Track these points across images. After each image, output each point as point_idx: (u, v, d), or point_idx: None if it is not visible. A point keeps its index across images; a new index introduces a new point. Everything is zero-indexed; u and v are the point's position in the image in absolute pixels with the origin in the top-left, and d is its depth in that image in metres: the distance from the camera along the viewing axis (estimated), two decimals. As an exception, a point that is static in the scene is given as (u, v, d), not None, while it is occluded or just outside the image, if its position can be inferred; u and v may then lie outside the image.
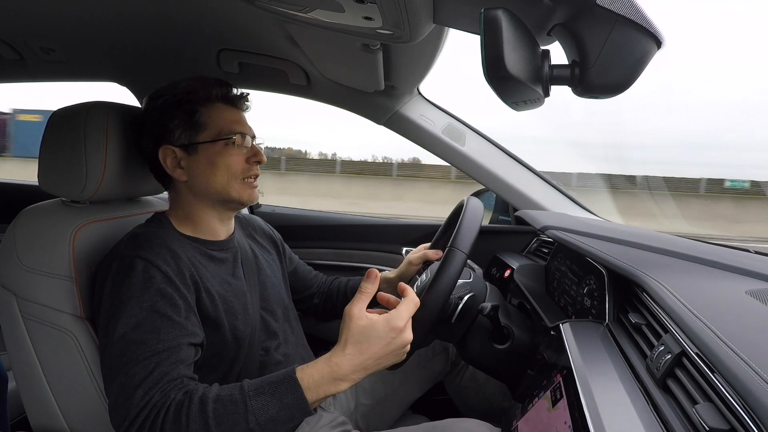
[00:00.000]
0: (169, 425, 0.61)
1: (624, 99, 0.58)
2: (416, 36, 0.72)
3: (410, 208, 8.13)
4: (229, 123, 0.83)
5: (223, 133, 0.81)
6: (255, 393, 0.64)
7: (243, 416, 0.62)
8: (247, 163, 0.84)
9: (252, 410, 0.62)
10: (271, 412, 0.63)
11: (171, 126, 0.81)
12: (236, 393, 0.64)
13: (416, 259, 1.05)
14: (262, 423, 0.62)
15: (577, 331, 0.70)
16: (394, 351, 0.67)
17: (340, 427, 0.91)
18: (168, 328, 0.68)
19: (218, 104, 0.83)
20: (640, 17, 0.50)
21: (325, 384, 0.65)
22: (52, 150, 0.81)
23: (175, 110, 0.81)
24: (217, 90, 0.83)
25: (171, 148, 0.81)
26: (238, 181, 0.83)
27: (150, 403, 0.63)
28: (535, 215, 1.21)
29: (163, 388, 0.64)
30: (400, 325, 0.66)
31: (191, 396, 0.63)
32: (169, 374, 0.65)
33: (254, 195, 0.86)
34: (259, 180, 0.88)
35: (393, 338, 0.66)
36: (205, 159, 0.81)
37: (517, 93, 0.53)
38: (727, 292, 0.66)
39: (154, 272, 0.71)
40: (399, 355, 0.68)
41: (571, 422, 0.54)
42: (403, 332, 0.67)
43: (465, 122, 1.37)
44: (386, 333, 0.66)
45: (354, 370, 0.66)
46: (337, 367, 0.65)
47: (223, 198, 0.83)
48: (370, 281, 0.69)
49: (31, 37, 1.17)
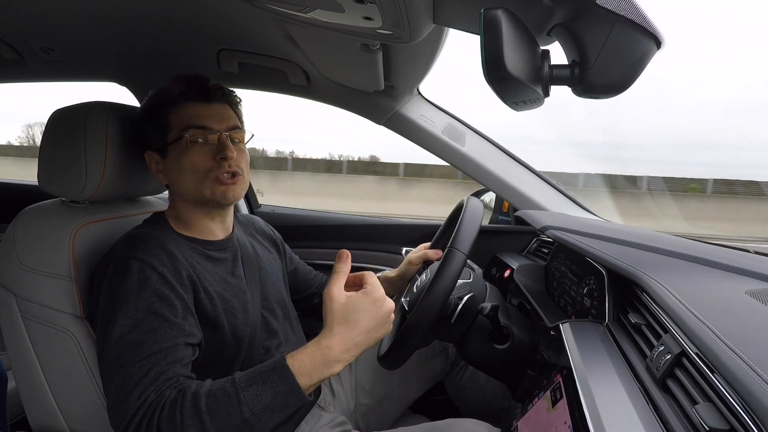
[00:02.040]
0: (165, 423, 0.61)
1: (619, 98, 0.58)
2: (416, 36, 0.72)
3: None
4: (188, 118, 0.79)
5: (181, 130, 0.78)
6: (247, 383, 0.63)
7: (236, 408, 0.61)
8: (214, 160, 0.79)
9: (245, 401, 0.61)
10: (264, 401, 0.62)
11: (146, 131, 0.82)
12: (228, 386, 0.63)
13: (416, 259, 1.05)
14: (257, 412, 0.61)
15: (576, 331, 0.69)
16: (380, 321, 0.68)
17: (339, 427, 0.91)
18: (165, 329, 0.68)
19: (184, 102, 0.80)
20: (640, 17, 0.50)
21: (318, 368, 0.65)
22: (52, 150, 0.81)
23: (148, 114, 0.81)
24: (182, 87, 0.80)
25: (151, 153, 0.82)
26: (209, 180, 0.78)
27: (146, 402, 0.63)
28: (535, 215, 1.21)
29: (159, 387, 0.64)
30: (379, 294, 0.69)
31: (184, 393, 0.63)
32: (165, 373, 0.65)
33: (229, 192, 0.80)
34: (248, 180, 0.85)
35: (377, 307, 0.68)
36: (174, 160, 0.80)
37: (517, 93, 0.53)
38: (726, 292, 0.66)
39: (150, 273, 0.71)
40: (386, 324, 0.69)
41: (571, 422, 0.54)
42: (384, 300, 0.69)
43: (465, 122, 1.37)
44: (369, 304, 0.68)
45: (346, 348, 0.66)
46: (328, 350, 0.65)
47: (197, 199, 0.81)
48: (342, 261, 0.70)
49: (30, 37, 1.17)
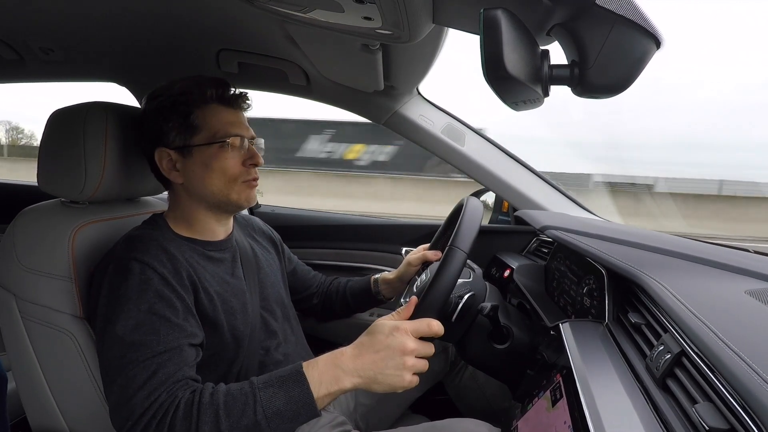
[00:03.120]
0: (180, 421, 0.62)
1: (616, 98, 0.58)
2: (416, 36, 0.72)
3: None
4: (225, 125, 0.81)
5: (218, 135, 0.80)
6: (264, 385, 0.65)
7: (251, 407, 0.62)
8: (244, 166, 0.82)
9: (260, 401, 0.63)
10: (278, 404, 0.63)
11: (166, 128, 0.80)
12: (246, 386, 0.65)
13: (415, 261, 1.05)
14: (269, 415, 0.62)
15: (576, 330, 0.69)
16: (390, 351, 0.64)
17: (339, 427, 0.91)
18: (167, 330, 0.68)
19: (214, 105, 0.82)
20: (640, 17, 0.50)
21: (327, 373, 0.65)
22: (52, 150, 0.81)
23: (170, 112, 0.80)
24: (212, 90, 0.81)
25: (166, 150, 0.81)
26: (236, 184, 0.82)
27: (156, 402, 0.63)
28: (535, 215, 1.21)
29: (170, 388, 0.64)
30: (405, 324, 0.66)
31: (201, 392, 0.64)
32: (174, 375, 0.66)
33: (252, 196, 0.85)
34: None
35: (393, 335, 0.65)
36: (200, 162, 0.80)
37: (517, 93, 0.53)
38: (726, 291, 0.66)
39: (151, 274, 0.71)
40: (397, 365, 0.64)
41: (571, 422, 0.54)
42: (404, 333, 0.65)
43: (465, 122, 1.37)
44: (387, 329, 0.66)
45: (353, 362, 0.65)
46: (341, 355, 0.66)
47: (220, 201, 0.82)
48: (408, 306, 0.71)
49: (30, 37, 1.17)
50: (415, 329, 0.66)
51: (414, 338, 0.66)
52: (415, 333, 0.66)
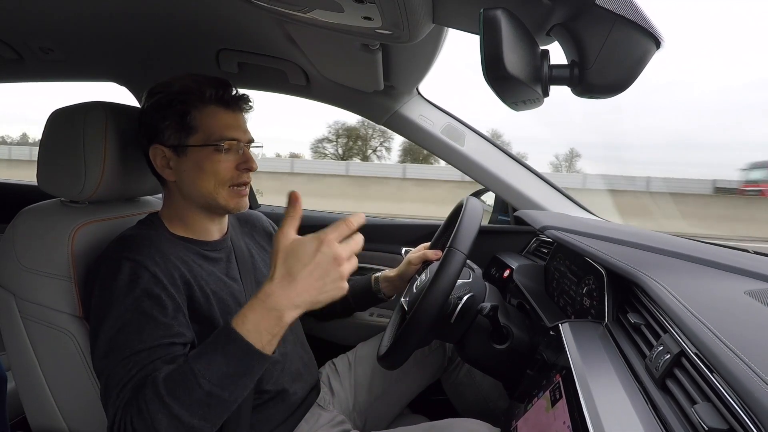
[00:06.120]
0: (137, 418, 0.60)
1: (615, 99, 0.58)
2: (415, 36, 0.72)
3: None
4: (221, 128, 0.79)
5: (213, 138, 0.78)
6: (196, 356, 0.62)
7: (194, 381, 0.60)
8: (237, 170, 0.81)
9: (200, 372, 0.60)
10: (219, 367, 0.60)
11: (162, 126, 0.79)
12: (182, 364, 0.62)
13: (416, 259, 1.05)
14: (215, 381, 0.60)
15: (576, 331, 0.69)
16: (325, 267, 0.60)
17: (339, 427, 0.91)
18: (151, 329, 0.67)
19: (212, 106, 0.80)
20: (640, 17, 0.50)
21: (264, 320, 0.61)
22: (51, 150, 0.81)
23: (167, 110, 0.79)
24: (212, 91, 0.80)
25: (161, 147, 0.80)
26: (225, 188, 0.80)
27: (123, 400, 0.62)
28: (535, 215, 1.21)
29: (136, 384, 0.63)
30: (328, 235, 0.61)
31: (146, 384, 0.62)
32: (144, 369, 0.64)
33: (242, 203, 0.83)
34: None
35: (322, 250, 0.60)
36: (193, 162, 0.79)
37: (517, 93, 0.53)
38: (726, 292, 0.65)
39: (141, 272, 0.70)
40: (334, 278, 0.61)
41: (570, 422, 0.54)
42: (331, 243, 0.61)
43: (464, 122, 1.37)
44: (314, 245, 0.61)
45: (287, 295, 0.60)
46: (268, 297, 0.61)
47: (209, 202, 0.81)
48: (292, 204, 0.65)
49: (30, 37, 1.17)
50: (339, 233, 0.63)
51: (340, 243, 0.63)
52: (340, 237, 0.63)
